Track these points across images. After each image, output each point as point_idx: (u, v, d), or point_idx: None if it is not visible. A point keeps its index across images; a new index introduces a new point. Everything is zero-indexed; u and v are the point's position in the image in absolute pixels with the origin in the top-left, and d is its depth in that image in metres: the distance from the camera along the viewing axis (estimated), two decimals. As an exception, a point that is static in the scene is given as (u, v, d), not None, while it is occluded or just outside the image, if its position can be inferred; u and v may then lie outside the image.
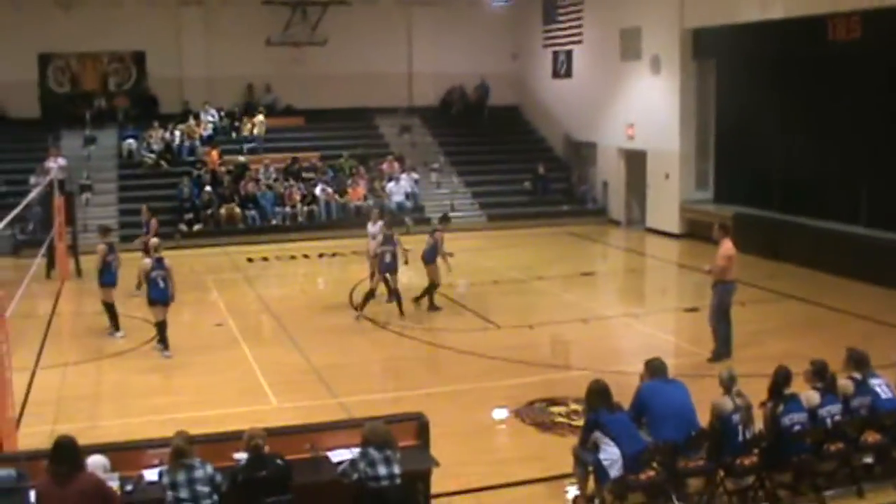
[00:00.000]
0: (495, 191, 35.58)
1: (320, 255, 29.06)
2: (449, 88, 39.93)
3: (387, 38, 38.37)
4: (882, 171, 24.66)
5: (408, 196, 33.47)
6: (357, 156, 35.24)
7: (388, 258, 20.45)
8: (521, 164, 36.67)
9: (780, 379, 11.14)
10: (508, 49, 40.37)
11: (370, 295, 20.73)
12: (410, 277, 22.15)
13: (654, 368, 11.14)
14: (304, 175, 33.86)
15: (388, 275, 20.65)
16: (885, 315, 19.92)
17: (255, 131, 35.61)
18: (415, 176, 34.46)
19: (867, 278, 23.02)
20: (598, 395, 10.57)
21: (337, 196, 32.89)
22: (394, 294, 20.68)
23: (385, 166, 34.68)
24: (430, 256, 21.16)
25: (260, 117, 35.76)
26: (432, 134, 38.57)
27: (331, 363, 17.37)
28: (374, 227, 21.57)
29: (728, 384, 10.93)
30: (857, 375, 11.75)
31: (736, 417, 10.65)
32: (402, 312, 20.44)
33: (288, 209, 32.23)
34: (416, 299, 21.36)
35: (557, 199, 35.58)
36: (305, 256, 28.99)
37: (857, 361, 11.90)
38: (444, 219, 23.32)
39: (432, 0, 37.37)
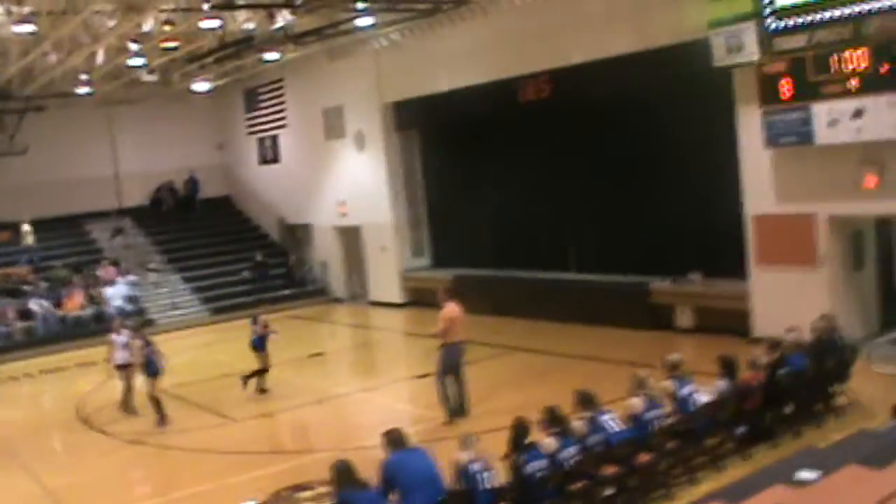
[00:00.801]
0: (215, 283, 35.29)
1: (42, 372, 27.86)
2: (158, 186, 39.44)
3: (89, 141, 37.60)
4: (584, 217, 25.95)
5: (127, 299, 32.71)
6: (71, 264, 34.28)
7: (152, 362, 19.83)
8: (238, 254, 36.73)
9: (519, 430, 11.56)
10: (214, 140, 40.30)
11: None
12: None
13: (394, 440, 11.27)
14: (17, 290, 32.54)
15: (151, 378, 19.78)
16: (605, 353, 21.11)
17: (28, 241, 34.46)
18: (132, 278, 33.79)
19: (584, 321, 24.23)
20: (343, 474, 10.59)
21: (54, 308, 31.76)
22: (152, 400, 19.73)
23: (101, 272, 33.82)
24: (258, 343, 21.40)
25: (26, 227, 34.50)
26: (146, 234, 37.98)
27: (67, 484, 16.63)
28: (119, 337, 21.10)
29: (464, 441, 11.27)
30: (588, 414, 12.35)
31: (475, 466, 10.93)
32: (163, 419, 19.57)
33: (3, 328, 30.81)
34: (245, 381, 21.37)
35: (278, 285, 35.63)
36: (27, 375, 27.69)
37: (586, 401, 12.53)
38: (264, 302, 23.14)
39: (131, 99, 36.81)
